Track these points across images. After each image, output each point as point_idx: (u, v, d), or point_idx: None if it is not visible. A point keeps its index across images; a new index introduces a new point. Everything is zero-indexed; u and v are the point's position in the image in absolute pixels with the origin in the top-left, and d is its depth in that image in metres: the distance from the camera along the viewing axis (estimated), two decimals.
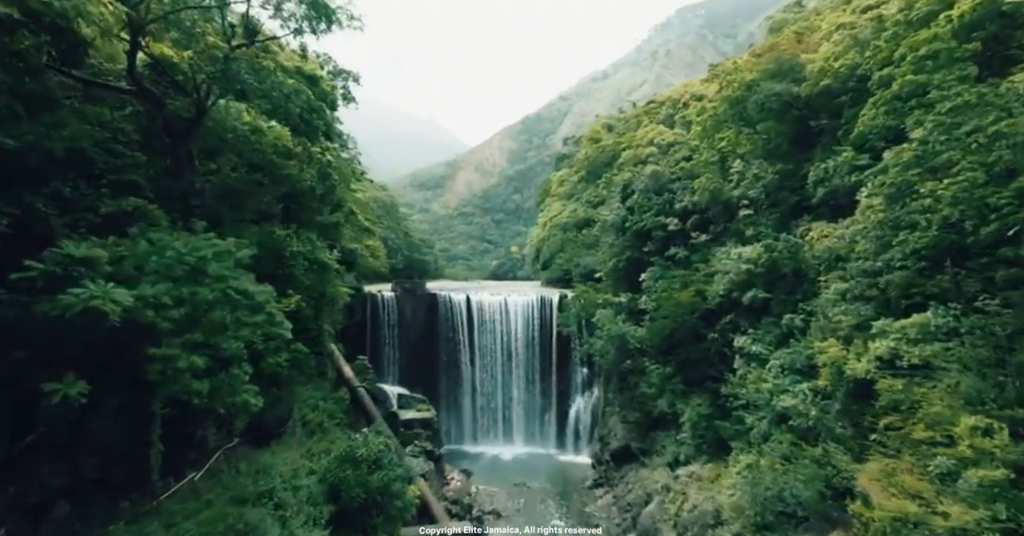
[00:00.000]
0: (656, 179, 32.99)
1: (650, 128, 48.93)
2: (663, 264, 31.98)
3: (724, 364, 25.85)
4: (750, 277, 24.95)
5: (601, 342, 32.59)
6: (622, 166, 47.47)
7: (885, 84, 20.35)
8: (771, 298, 24.06)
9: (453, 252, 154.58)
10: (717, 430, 24.26)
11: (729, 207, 29.57)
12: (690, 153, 35.51)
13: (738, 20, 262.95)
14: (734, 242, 28.21)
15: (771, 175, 26.81)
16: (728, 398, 24.03)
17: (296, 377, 19.47)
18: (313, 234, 18.14)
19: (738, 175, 29.23)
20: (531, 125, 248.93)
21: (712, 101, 32.29)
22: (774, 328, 23.52)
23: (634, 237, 33.94)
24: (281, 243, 15.17)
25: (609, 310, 33.90)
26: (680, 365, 28.24)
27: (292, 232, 15.70)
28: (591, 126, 65.70)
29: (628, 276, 34.96)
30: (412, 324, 43.23)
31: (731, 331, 26.13)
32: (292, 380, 17.71)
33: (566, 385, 42.67)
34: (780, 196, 27.03)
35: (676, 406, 27.57)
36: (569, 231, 52.32)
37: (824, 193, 23.79)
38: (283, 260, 15.18)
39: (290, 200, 17.70)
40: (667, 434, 28.34)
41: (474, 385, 42.99)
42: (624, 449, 31.22)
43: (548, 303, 42.66)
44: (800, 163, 26.80)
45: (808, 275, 23.28)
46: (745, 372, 23.77)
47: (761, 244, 24.96)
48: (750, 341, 24.19)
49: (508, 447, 41.90)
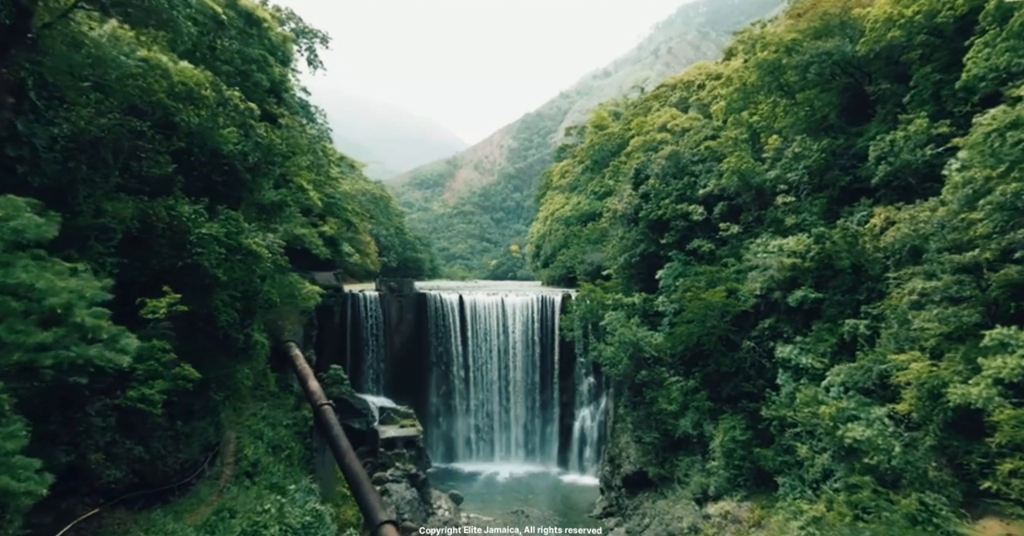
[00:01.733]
0: (675, 161, 28.63)
1: (662, 112, 44.58)
2: (683, 259, 27.64)
3: (763, 378, 21.52)
4: (796, 274, 20.63)
5: (611, 349, 28.26)
6: (631, 154, 43.12)
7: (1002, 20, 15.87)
8: (823, 299, 19.72)
9: (452, 251, 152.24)
10: (757, 460, 19.92)
11: (763, 192, 25.21)
12: (713, 132, 31.11)
13: (741, 17, 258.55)
14: (770, 233, 23.89)
15: (816, 153, 22.45)
16: (771, 421, 19.70)
17: (232, 399, 15.14)
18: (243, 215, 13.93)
19: (774, 154, 24.87)
20: (531, 123, 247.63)
21: (738, 72, 27.91)
22: (828, 335, 19.18)
23: (649, 228, 29.59)
24: (182, 222, 10.92)
25: (620, 312, 29.57)
26: (707, 378, 23.89)
27: (200, 209, 11.44)
28: (596, 112, 61.36)
29: (642, 273, 30.63)
30: (398, 328, 38.90)
31: (770, 338, 21.81)
32: (218, 406, 13.47)
33: (570, 396, 38.32)
34: (827, 177, 22.69)
35: (703, 427, 23.23)
36: (573, 225, 47.98)
37: (887, 171, 19.45)
38: (184, 247, 10.95)
39: (211, 169, 13.40)
40: (691, 459, 23.99)
41: (467, 395, 38.63)
42: (639, 474, 26.85)
43: (550, 304, 38.33)
44: (851, 138, 22.49)
45: (870, 271, 18.95)
46: (792, 390, 19.44)
47: (810, 234, 20.66)
48: (796, 351, 19.87)
49: (505, 465, 37.53)
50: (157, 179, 11.55)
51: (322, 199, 29.29)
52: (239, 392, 14.98)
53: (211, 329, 11.94)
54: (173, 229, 10.99)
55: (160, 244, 10.93)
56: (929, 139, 18.34)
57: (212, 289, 11.61)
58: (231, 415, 15.13)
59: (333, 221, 44.68)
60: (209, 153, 13.26)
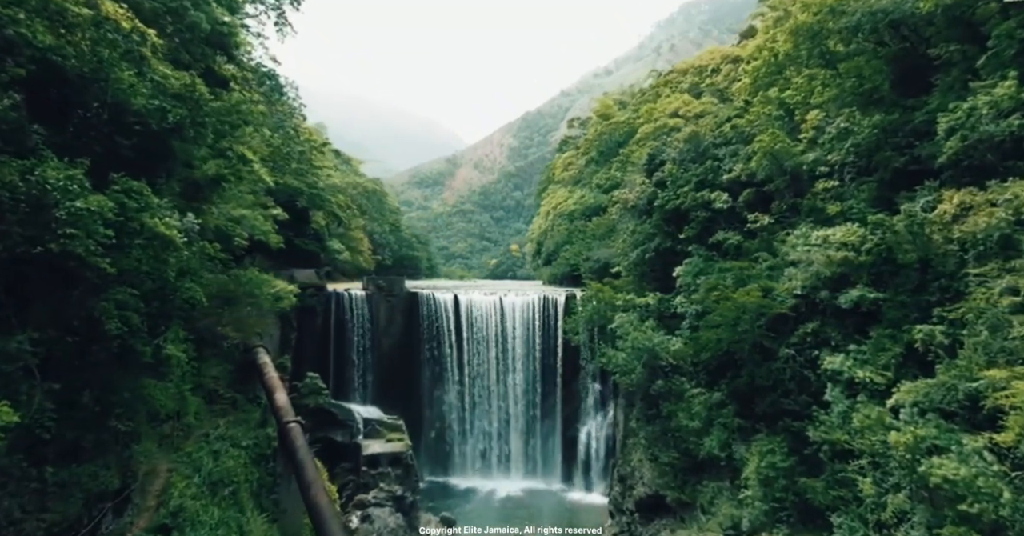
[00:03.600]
0: (695, 144, 25.41)
1: (673, 98, 41.34)
2: (705, 254, 24.45)
3: (806, 393, 18.28)
4: (847, 270, 17.41)
5: (623, 355, 25.09)
6: (640, 142, 39.91)
7: None
8: (884, 300, 16.49)
9: (451, 250, 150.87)
10: (803, 492, 16.68)
11: (799, 177, 22.01)
12: (737, 111, 27.81)
13: (743, 16, 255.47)
14: (809, 223, 20.67)
15: (867, 129, 19.24)
16: (820, 445, 16.48)
17: (154, 425, 11.93)
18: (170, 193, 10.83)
19: (813, 133, 21.65)
20: (532, 121, 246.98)
21: (768, 41, 24.69)
22: (890, 344, 15.96)
23: (665, 220, 26.40)
24: (45, 193, 7.71)
25: (632, 314, 26.38)
26: (735, 391, 20.68)
27: (77, 174, 8.21)
28: (601, 101, 58.07)
29: (656, 270, 27.45)
30: (387, 330, 35.71)
31: (813, 346, 18.58)
32: (127, 438, 10.28)
33: (574, 405, 35.06)
34: (878, 158, 19.47)
35: (731, 448, 20.03)
36: (577, 220, 44.72)
37: (958, 148, 16.24)
38: (48, 226, 7.76)
39: (115, 130, 10.17)
40: (718, 485, 20.79)
41: (462, 404, 35.42)
42: (654, 498, 23.66)
43: (552, 304, 35.11)
44: (907, 111, 19.29)
45: (942, 267, 15.75)
46: (845, 409, 16.20)
47: (865, 223, 17.45)
48: (850, 362, 16.62)
49: (504, 481, 34.30)
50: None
51: (279, 183, 25.77)
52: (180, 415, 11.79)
53: (87, 341, 8.74)
54: (31, 202, 7.81)
55: (8, 221, 7.75)
56: (1016, 106, 15.15)
57: (97, 286, 8.44)
58: (151, 446, 11.91)
59: (319, 214, 41.65)
60: (112, 108, 10.04)
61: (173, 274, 9.84)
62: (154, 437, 12.53)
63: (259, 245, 29.87)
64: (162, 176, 11.66)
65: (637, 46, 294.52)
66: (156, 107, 10.58)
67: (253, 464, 18.29)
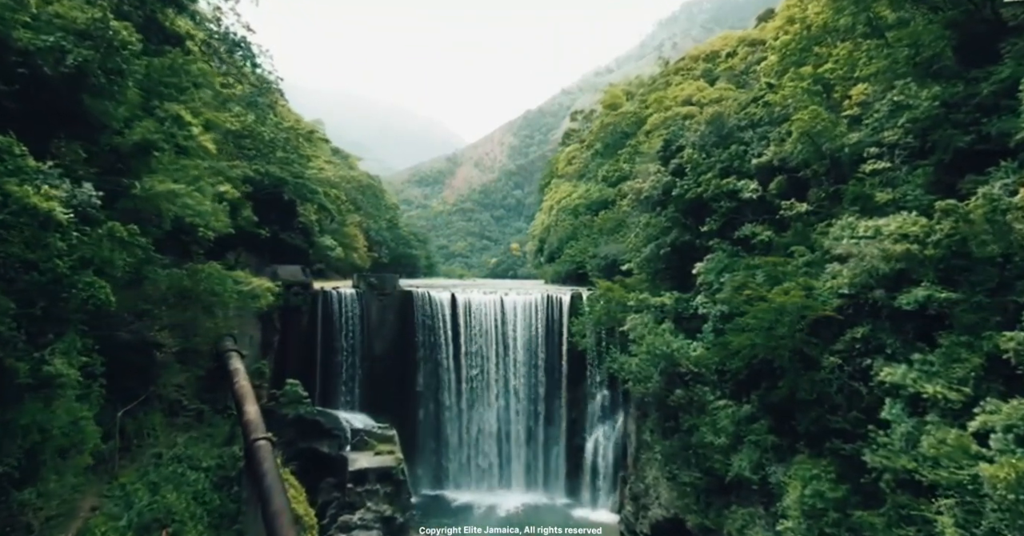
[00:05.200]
0: (718, 126, 22.84)
1: (685, 85, 38.75)
2: (729, 249, 21.92)
3: (857, 409, 15.72)
4: (909, 265, 14.85)
5: (636, 361, 22.63)
6: (651, 133, 37.34)
7: None
8: (956, 301, 13.92)
9: (451, 249, 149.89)
10: (860, 528, 14.13)
11: (840, 161, 19.45)
12: (763, 91, 25.16)
13: (745, 14, 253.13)
14: (855, 212, 18.10)
15: (925, 103, 16.67)
16: (880, 473, 13.93)
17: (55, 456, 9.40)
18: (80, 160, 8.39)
19: (857, 111, 19.09)
20: (533, 120, 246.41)
21: (800, 11, 22.11)
22: (967, 353, 13.40)
23: (683, 211, 23.85)
24: None
25: (646, 315, 23.90)
26: (768, 405, 18.12)
27: None
28: (608, 91, 55.44)
29: (673, 267, 24.94)
30: (379, 331, 33.08)
31: (864, 353, 16.03)
32: (14, 480, 7.76)
33: (580, 412, 32.50)
34: (936, 137, 16.90)
35: (766, 470, 17.48)
36: (582, 215, 42.13)
37: None
38: None
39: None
40: (748, 511, 18.25)
41: (459, 410, 32.86)
42: (673, 522, 21.16)
43: (557, 304, 32.56)
44: (972, 83, 16.73)
45: None
46: (910, 430, 13.65)
47: (932, 210, 14.88)
48: (915, 374, 14.06)
49: (504, 495, 31.75)
50: None
51: (261, 172, 23.16)
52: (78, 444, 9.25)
53: None
54: None
55: None
56: None
57: None
58: (66, 481, 9.39)
59: (309, 208, 39.17)
60: None
61: (65, 265, 7.35)
62: (72, 469, 9.98)
63: (244, 239, 27.35)
64: (61, 137, 9.10)
65: (638, 45, 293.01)
66: (50, 44, 8.07)
67: (215, 489, 15.79)
